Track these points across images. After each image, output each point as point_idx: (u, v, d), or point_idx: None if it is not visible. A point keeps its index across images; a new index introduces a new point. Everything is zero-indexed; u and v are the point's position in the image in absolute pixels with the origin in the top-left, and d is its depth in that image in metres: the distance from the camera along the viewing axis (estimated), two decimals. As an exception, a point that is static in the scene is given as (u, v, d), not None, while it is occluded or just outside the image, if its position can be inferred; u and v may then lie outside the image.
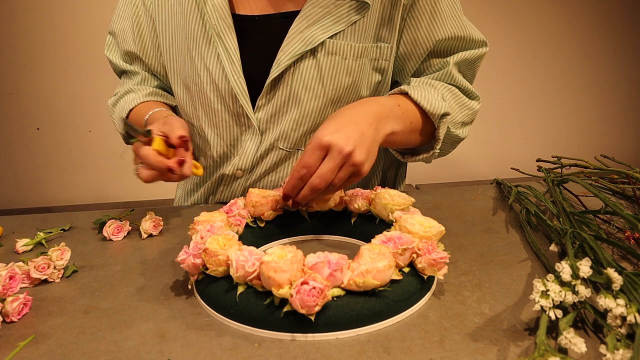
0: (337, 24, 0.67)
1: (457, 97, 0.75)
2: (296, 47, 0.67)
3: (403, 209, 0.56)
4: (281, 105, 0.71)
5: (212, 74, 0.70)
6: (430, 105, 0.68)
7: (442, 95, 0.71)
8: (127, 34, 0.79)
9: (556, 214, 0.63)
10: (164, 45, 0.76)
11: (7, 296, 0.47)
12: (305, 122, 0.72)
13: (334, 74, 0.69)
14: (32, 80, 1.96)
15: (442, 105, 0.69)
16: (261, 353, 0.41)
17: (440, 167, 2.29)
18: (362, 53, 0.70)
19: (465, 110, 0.76)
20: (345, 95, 0.72)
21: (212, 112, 0.74)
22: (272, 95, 0.70)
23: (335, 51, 0.68)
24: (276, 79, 0.69)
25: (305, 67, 0.68)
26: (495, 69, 2.22)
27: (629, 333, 0.38)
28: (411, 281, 0.46)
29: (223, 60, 0.69)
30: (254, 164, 0.75)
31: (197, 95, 0.73)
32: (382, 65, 0.73)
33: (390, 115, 0.64)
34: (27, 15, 1.90)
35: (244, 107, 0.71)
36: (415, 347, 0.41)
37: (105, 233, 0.66)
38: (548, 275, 0.42)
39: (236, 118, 0.73)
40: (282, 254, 0.43)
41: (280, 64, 0.68)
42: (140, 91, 0.78)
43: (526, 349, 0.40)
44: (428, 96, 0.68)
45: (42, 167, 2.05)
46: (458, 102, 0.75)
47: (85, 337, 0.44)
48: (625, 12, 2.27)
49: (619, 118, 2.41)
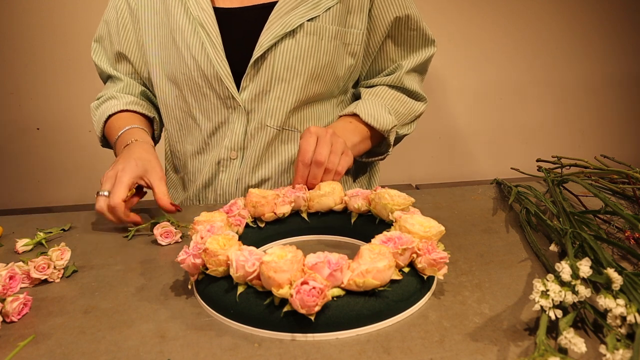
0: (313, 9, 0.75)
1: (404, 103, 0.88)
2: (277, 30, 0.74)
3: (403, 209, 0.56)
4: (265, 85, 0.76)
5: (198, 61, 0.76)
6: (379, 124, 0.80)
7: (390, 107, 0.84)
8: (113, 36, 0.84)
9: (556, 214, 0.63)
10: (148, 42, 0.81)
11: (7, 296, 0.47)
12: (289, 99, 0.78)
13: (313, 52, 0.76)
14: (32, 80, 1.96)
15: (390, 120, 0.81)
16: (261, 353, 0.41)
17: (440, 167, 2.29)
18: (337, 35, 0.78)
19: (411, 115, 0.89)
20: (323, 73, 0.79)
21: (201, 96, 0.79)
22: (255, 76, 0.76)
23: (314, 32, 0.75)
24: (259, 60, 0.75)
25: (285, 48, 0.75)
26: (495, 68, 2.21)
27: (629, 333, 0.38)
28: (411, 281, 0.46)
29: (207, 47, 0.75)
30: (245, 143, 0.79)
31: (186, 83, 0.79)
32: (354, 49, 0.82)
33: (345, 132, 0.76)
34: (27, 15, 1.90)
35: (229, 88, 0.76)
36: (415, 347, 0.41)
37: (155, 233, 0.65)
38: (548, 275, 0.42)
39: (223, 101, 0.78)
40: (282, 254, 0.43)
41: (262, 45, 0.74)
42: (122, 99, 0.84)
43: (526, 349, 0.40)
44: (376, 114, 0.80)
45: (42, 167, 2.05)
46: (405, 107, 0.88)
47: (85, 337, 0.44)
48: (625, 12, 2.27)
49: (619, 118, 2.41)
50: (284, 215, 0.61)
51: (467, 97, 2.22)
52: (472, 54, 2.18)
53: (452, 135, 2.22)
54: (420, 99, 0.90)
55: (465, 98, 2.20)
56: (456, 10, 2.07)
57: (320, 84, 0.79)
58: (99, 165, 2.04)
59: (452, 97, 2.11)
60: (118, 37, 0.84)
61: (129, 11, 0.82)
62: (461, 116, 2.21)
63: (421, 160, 2.24)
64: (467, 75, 2.18)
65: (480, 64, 2.20)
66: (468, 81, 2.20)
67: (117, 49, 0.85)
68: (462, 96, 2.19)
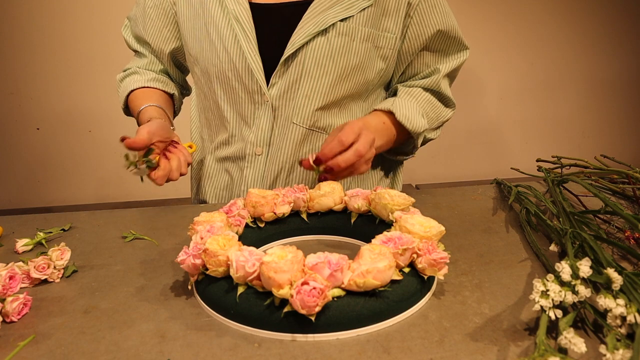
0: (348, 10, 0.74)
1: (436, 109, 0.86)
2: (310, 28, 0.74)
3: (403, 209, 0.56)
4: (293, 82, 0.76)
5: (230, 53, 0.76)
6: (412, 126, 0.79)
7: (424, 110, 0.83)
8: (139, 21, 0.88)
9: (556, 214, 0.63)
10: (185, 34, 0.84)
11: (7, 296, 0.47)
12: (316, 97, 0.77)
13: (343, 52, 0.75)
14: (32, 80, 1.96)
15: (423, 124, 0.81)
16: (261, 353, 0.41)
17: (440, 167, 2.29)
18: (369, 37, 0.77)
19: (439, 120, 0.88)
20: (352, 74, 0.77)
21: (230, 89, 0.79)
22: (285, 73, 0.76)
23: (346, 32, 0.75)
24: (290, 57, 0.75)
25: (317, 46, 0.74)
26: (496, 68, 2.22)
27: (629, 333, 0.38)
28: (411, 281, 0.46)
29: (241, 40, 0.75)
30: (271, 140, 0.80)
31: (216, 75, 0.80)
32: (386, 53, 0.80)
33: (376, 133, 0.74)
34: (27, 15, 1.90)
35: (259, 82, 0.76)
36: (415, 347, 0.41)
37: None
38: (548, 275, 0.42)
39: (251, 95, 0.78)
40: (282, 254, 0.43)
41: (294, 43, 0.74)
42: (145, 75, 0.88)
43: (526, 349, 0.40)
44: (410, 116, 0.79)
45: (42, 167, 2.05)
46: (436, 114, 0.87)
47: (85, 337, 0.44)
48: (625, 12, 2.27)
49: (619, 118, 2.41)
50: (283, 215, 0.61)
51: (467, 98, 2.22)
52: (471, 54, 2.18)
53: (453, 135, 2.22)
54: (449, 104, 0.89)
55: (465, 98, 2.20)
56: (456, 10, 2.07)
57: (348, 85, 0.78)
58: (99, 165, 2.04)
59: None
60: (144, 23, 0.87)
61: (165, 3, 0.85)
62: (461, 116, 2.21)
63: (421, 160, 2.24)
64: (466, 76, 2.18)
65: (480, 64, 2.20)
66: (467, 82, 2.20)
67: (141, 33, 0.89)
68: (462, 97, 2.19)
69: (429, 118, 0.84)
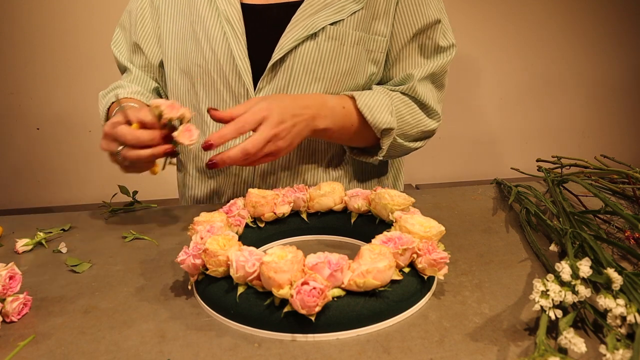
0: (338, 13, 0.72)
1: (414, 114, 0.78)
2: (299, 32, 0.71)
3: (403, 209, 0.56)
4: (281, 89, 0.73)
5: (217, 54, 0.74)
6: (374, 118, 0.73)
7: (396, 109, 0.75)
8: (132, 26, 0.84)
9: (556, 214, 0.63)
10: (165, 32, 0.80)
11: (7, 296, 0.47)
12: None
13: (333, 57, 0.73)
14: (32, 80, 1.96)
15: (387, 120, 0.73)
16: (261, 353, 0.41)
17: (440, 167, 2.29)
18: (360, 41, 0.74)
19: (418, 128, 0.80)
20: (343, 80, 0.75)
21: (213, 91, 0.76)
22: (273, 79, 0.73)
23: (336, 37, 0.72)
24: (278, 62, 0.72)
25: (306, 51, 0.72)
26: (495, 68, 2.22)
27: (629, 333, 0.38)
28: (411, 281, 0.46)
29: (230, 41, 0.73)
30: None
31: (200, 76, 0.77)
32: (377, 57, 0.77)
33: (329, 115, 0.70)
34: (27, 15, 1.90)
35: (246, 85, 0.73)
36: (415, 347, 0.41)
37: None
38: (548, 275, 0.42)
39: (236, 98, 0.75)
40: (282, 254, 0.43)
41: (282, 47, 0.71)
42: (128, 88, 0.82)
43: (526, 349, 0.40)
44: (374, 107, 0.73)
45: (42, 167, 2.05)
46: (413, 117, 0.78)
47: (85, 337, 0.44)
48: (625, 12, 2.27)
49: (619, 118, 2.41)
50: (283, 215, 0.61)
51: (467, 98, 2.22)
52: (471, 54, 2.18)
53: (453, 135, 2.22)
54: (432, 114, 0.81)
55: (465, 99, 2.20)
56: (455, 11, 2.07)
57: (339, 92, 0.75)
58: (99, 166, 2.04)
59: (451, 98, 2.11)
60: (135, 27, 0.83)
61: (149, 2, 0.82)
62: (461, 117, 2.22)
63: (421, 160, 2.24)
64: (466, 76, 2.18)
65: (480, 65, 2.20)
66: (468, 82, 2.20)
67: (134, 39, 0.84)
68: (462, 97, 2.19)
69: (403, 121, 0.77)
